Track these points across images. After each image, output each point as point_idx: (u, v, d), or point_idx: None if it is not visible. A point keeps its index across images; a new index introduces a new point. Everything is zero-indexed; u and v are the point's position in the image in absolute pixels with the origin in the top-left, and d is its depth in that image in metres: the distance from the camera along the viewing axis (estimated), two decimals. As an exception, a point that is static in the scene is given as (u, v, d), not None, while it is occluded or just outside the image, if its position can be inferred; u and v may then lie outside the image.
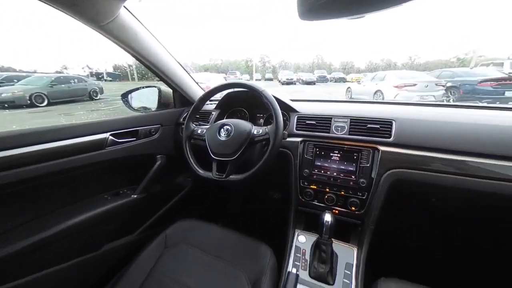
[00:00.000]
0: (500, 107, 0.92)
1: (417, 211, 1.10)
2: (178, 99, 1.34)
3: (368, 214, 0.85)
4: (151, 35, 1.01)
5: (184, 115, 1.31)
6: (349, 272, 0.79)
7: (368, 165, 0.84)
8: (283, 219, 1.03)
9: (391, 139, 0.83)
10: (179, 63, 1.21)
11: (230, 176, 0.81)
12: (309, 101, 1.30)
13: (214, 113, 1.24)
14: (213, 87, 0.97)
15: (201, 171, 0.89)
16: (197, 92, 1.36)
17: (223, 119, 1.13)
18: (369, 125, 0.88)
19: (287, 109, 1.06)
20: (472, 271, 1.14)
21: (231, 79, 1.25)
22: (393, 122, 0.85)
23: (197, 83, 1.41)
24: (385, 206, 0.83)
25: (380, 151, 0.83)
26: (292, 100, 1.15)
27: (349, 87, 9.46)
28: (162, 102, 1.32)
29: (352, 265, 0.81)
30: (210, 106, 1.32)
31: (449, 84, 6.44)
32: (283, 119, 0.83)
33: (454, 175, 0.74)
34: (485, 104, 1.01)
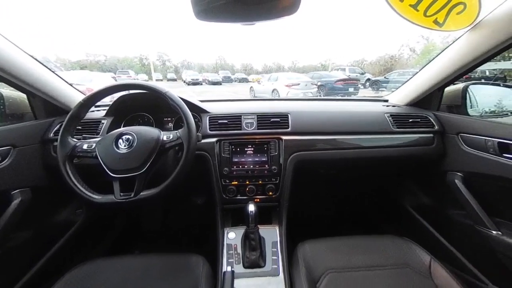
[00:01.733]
0: (348, 99, 1.35)
1: (313, 183, 1.44)
2: (40, 107, 0.97)
3: (282, 195, 0.99)
4: None
5: (55, 128, 0.96)
6: (275, 249, 0.90)
7: (276, 153, 0.98)
8: (211, 221, 1.01)
9: (289, 129, 1.01)
10: (33, 57, 0.87)
11: (141, 193, 0.69)
12: (218, 101, 1.32)
13: (105, 122, 0.99)
14: (99, 89, 0.77)
15: (97, 197, 0.69)
16: (72, 97, 1.04)
17: (119, 127, 0.92)
18: (272, 119, 1.02)
19: (198, 111, 1.03)
20: (347, 218, 1.62)
21: (124, 80, 1.04)
22: (289, 114, 1.04)
23: (70, 84, 1.07)
24: (293, 185, 1.01)
25: (283, 140, 0.99)
26: (201, 101, 1.13)
27: (251, 87, 10.52)
28: (9, 113, 0.91)
29: (277, 242, 0.92)
30: (97, 113, 1.05)
31: (319, 83, 8.71)
32: (195, 121, 0.80)
33: (330, 150, 1.02)
34: (340, 97, 1.48)
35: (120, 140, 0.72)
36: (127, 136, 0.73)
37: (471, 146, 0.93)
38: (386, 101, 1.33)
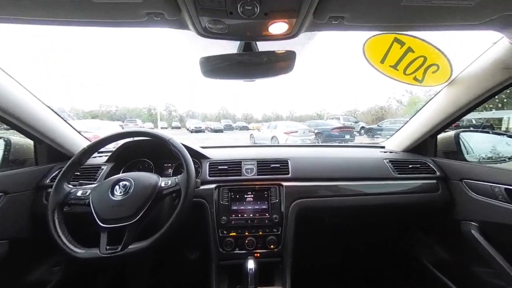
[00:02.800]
0: (346, 145, 1.39)
1: (317, 232, 1.32)
2: (43, 153, 0.99)
3: (285, 248, 0.90)
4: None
5: (54, 174, 0.96)
6: None
7: (277, 200, 0.94)
8: (205, 280, 0.88)
9: (289, 175, 0.99)
10: (48, 106, 0.94)
11: (130, 246, 0.63)
12: (219, 147, 1.35)
13: (105, 168, 1.00)
14: (104, 136, 0.80)
15: (79, 251, 0.63)
16: (78, 143, 1.07)
17: (118, 174, 0.91)
18: (272, 165, 1.02)
19: (198, 156, 1.04)
20: (357, 273, 1.42)
21: (131, 127, 1.10)
22: (289, 160, 1.04)
23: (78, 132, 1.12)
24: (296, 236, 0.92)
25: (284, 186, 0.96)
26: (203, 147, 1.16)
27: (252, 134, 10.96)
28: (11, 159, 0.92)
29: None
30: (98, 159, 1.06)
31: (316, 131, 9.12)
32: (195, 167, 0.80)
33: (333, 197, 0.98)
34: (337, 144, 1.52)
35: (117, 187, 0.70)
36: (124, 182, 0.71)
37: (478, 192, 0.90)
38: (383, 147, 1.36)
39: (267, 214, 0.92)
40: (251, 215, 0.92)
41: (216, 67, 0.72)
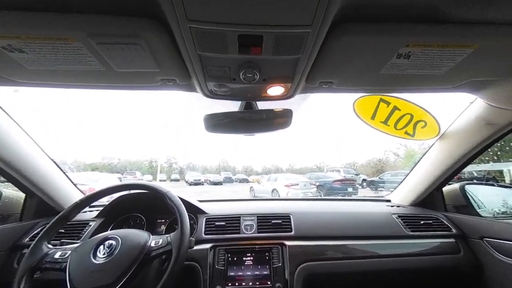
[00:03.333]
0: (350, 199, 1.33)
1: None
2: (32, 207, 0.94)
3: None
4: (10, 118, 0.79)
5: (35, 231, 0.87)
6: None
7: (280, 264, 0.83)
8: None
9: (292, 233, 0.91)
10: (49, 157, 0.95)
11: None
12: (217, 201, 1.29)
13: (93, 224, 0.92)
14: (99, 190, 0.77)
15: None
16: (71, 196, 1.03)
17: (106, 230, 0.84)
18: (273, 221, 0.95)
19: (194, 211, 0.98)
20: None
21: (129, 180, 1.08)
22: (291, 215, 0.98)
23: (74, 184, 1.10)
24: None
25: (287, 247, 0.86)
26: (200, 201, 1.11)
27: (251, 187, 10.69)
28: (-5, 214, 0.87)
29: None
30: (88, 214, 1.00)
31: (318, 183, 8.93)
32: (190, 223, 0.74)
33: (343, 260, 0.87)
34: (341, 197, 1.44)
35: (101, 247, 0.63)
36: (111, 242, 0.64)
37: (504, 253, 0.80)
38: (389, 201, 1.30)
39: (269, 283, 0.79)
40: (251, 283, 0.79)
41: (219, 123, 0.78)
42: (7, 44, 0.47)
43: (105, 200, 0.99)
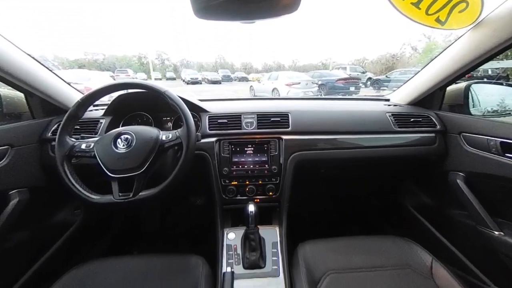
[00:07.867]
0: (349, 98, 1.34)
1: (313, 182, 1.43)
2: (37, 106, 0.96)
3: (283, 195, 0.99)
4: None
5: (53, 127, 0.96)
6: (275, 250, 0.89)
7: (276, 153, 0.97)
8: (211, 222, 1.00)
9: (289, 129, 1.00)
10: (31, 56, 0.86)
11: (140, 193, 0.68)
12: (217, 100, 1.30)
13: (103, 121, 0.98)
14: (97, 88, 0.76)
15: (95, 197, 0.69)
16: (70, 96, 1.03)
17: (118, 127, 0.91)
18: (272, 119, 1.01)
19: (197, 110, 1.02)
20: (348, 218, 1.61)
21: (122, 78, 1.03)
22: (289, 114, 1.03)
23: (68, 83, 1.06)
24: (293, 185, 1.00)
25: (283, 140, 0.98)
26: (201, 100, 1.12)
27: (251, 86, 10.46)
28: (6, 113, 0.90)
29: (277, 242, 0.91)
30: (95, 113, 1.04)
31: (320, 82, 8.65)
32: (194, 120, 0.79)
33: (331, 150, 1.01)
34: (341, 97, 1.53)
35: (119, 140, 0.71)
36: (126, 136, 0.72)
37: (473, 145, 0.91)
38: (388, 100, 1.32)
39: (266, 166, 0.97)
40: (251, 166, 0.97)
41: (209, 4, 0.62)
42: None
43: (106, 100, 1.00)
